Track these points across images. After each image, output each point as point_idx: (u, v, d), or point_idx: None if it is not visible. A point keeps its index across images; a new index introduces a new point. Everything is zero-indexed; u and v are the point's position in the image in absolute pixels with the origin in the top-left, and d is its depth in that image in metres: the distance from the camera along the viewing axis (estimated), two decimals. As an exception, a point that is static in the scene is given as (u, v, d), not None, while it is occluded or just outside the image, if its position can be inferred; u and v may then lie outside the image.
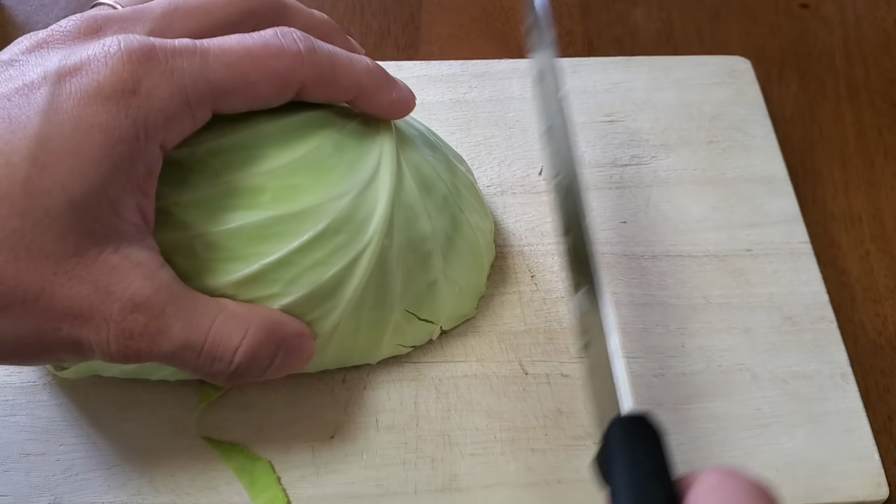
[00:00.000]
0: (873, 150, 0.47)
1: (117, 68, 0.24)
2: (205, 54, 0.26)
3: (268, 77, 0.27)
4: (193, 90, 0.26)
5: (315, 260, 0.29)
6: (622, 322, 0.37)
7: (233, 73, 0.26)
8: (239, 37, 0.27)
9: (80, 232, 0.24)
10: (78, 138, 0.24)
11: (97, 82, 0.24)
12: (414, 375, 0.35)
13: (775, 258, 0.40)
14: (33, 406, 0.34)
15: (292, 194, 0.29)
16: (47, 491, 0.32)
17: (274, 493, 0.32)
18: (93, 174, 0.24)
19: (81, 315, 0.24)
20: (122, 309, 0.25)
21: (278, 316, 0.29)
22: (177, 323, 0.26)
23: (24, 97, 0.24)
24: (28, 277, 0.23)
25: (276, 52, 0.27)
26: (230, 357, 0.27)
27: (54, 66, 0.24)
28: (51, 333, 0.24)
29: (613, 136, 0.43)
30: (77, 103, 0.24)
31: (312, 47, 0.28)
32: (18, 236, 0.23)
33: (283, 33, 0.28)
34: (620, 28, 0.53)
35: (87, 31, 0.26)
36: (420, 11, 0.53)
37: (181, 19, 0.28)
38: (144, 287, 0.25)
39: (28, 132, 0.23)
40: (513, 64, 0.46)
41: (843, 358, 0.37)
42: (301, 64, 0.28)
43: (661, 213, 0.41)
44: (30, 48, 0.26)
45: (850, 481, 0.34)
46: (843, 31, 0.53)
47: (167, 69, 0.25)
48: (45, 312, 0.24)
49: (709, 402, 0.35)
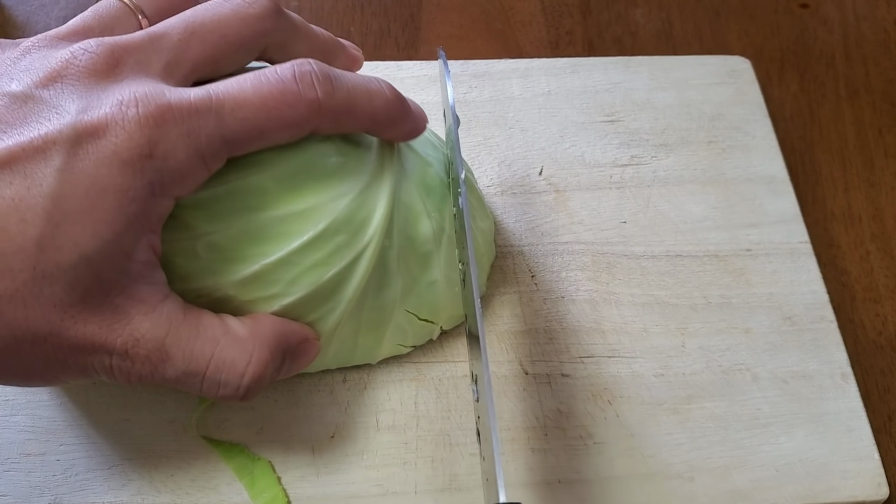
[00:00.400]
0: (873, 150, 0.47)
1: (135, 134, 0.24)
2: (220, 110, 0.26)
3: (282, 128, 0.27)
4: (209, 148, 0.26)
5: (315, 260, 0.29)
6: (622, 322, 0.37)
7: (248, 127, 0.26)
8: (255, 81, 0.26)
9: (89, 282, 0.25)
10: (92, 198, 0.24)
11: (114, 146, 0.24)
12: (414, 375, 0.35)
13: (775, 258, 0.40)
14: (33, 406, 0.34)
15: (293, 195, 0.29)
16: (47, 491, 0.32)
17: (274, 493, 0.32)
18: (106, 232, 0.24)
19: (87, 349, 0.25)
20: (125, 343, 0.26)
21: (282, 328, 0.29)
22: (177, 353, 0.27)
23: (40, 154, 0.24)
24: (36, 323, 0.24)
25: (292, 101, 0.27)
26: (237, 382, 0.28)
27: (71, 121, 0.24)
28: (58, 364, 0.26)
29: (613, 136, 0.43)
30: (93, 164, 0.24)
31: (331, 91, 0.27)
32: (29, 287, 0.24)
33: (301, 75, 0.27)
34: (620, 28, 0.53)
35: (104, 68, 0.26)
36: (420, 11, 0.53)
37: (197, 45, 0.27)
38: (144, 323, 0.26)
39: (43, 190, 0.24)
40: (513, 64, 0.46)
41: (844, 358, 0.37)
42: (317, 111, 0.27)
43: (661, 213, 0.41)
44: (45, 80, 0.25)
45: (850, 481, 0.34)
46: (843, 31, 0.53)
47: (183, 132, 0.25)
48: (52, 349, 0.25)
49: (709, 402, 0.35)
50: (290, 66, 0.27)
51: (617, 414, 0.35)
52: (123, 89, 0.25)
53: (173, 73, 0.27)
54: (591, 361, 0.36)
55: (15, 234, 0.23)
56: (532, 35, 0.52)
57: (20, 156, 0.24)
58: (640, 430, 0.34)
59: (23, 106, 0.25)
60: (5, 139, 0.24)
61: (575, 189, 0.41)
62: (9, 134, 0.24)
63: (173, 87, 0.26)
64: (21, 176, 0.24)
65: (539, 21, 0.52)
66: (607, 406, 0.35)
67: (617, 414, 0.35)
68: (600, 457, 0.34)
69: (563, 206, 0.41)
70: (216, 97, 0.26)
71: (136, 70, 0.26)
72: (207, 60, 0.28)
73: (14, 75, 0.26)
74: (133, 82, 0.26)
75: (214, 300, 0.29)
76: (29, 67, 0.26)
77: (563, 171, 0.42)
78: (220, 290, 0.29)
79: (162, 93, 0.25)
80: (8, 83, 0.26)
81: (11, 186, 0.23)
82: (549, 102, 0.44)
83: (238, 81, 0.26)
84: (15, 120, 0.25)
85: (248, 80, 0.27)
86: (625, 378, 0.36)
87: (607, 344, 0.37)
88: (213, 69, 0.28)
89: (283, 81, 0.27)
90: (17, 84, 0.25)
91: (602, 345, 0.36)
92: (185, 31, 0.27)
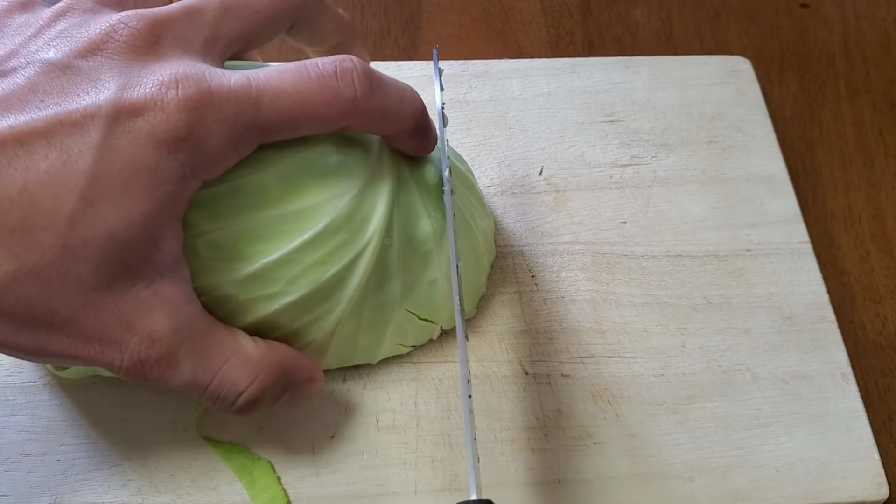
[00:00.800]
0: (873, 150, 0.47)
1: (173, 116, 0.24)
2: (259, 99, 0.26)
3: (316, 122, 0.27)
4: (243, 135, 0.26)
5: (315, 259, 0.29)
6: (622, 322, 0.37)
7: (284, 118, 0.26)
8: (295, 73, 0.26)
9: (116, 265, 0.25)
10: (125, 178, 0.24)
11: (152, 126, 0.24)
12: (414, 375, 0.35)
13: (775, 258, 0.40)
14: (34, 406, 0.34)
15: (294, 194, 0.29)
16: (48, 491, 0.32)
17: (274, 493, 0.32)
18: (136, 212, 0.24)
19: (101, 342, 0.25)
20: (139, 343, 0.25)
21: (292, 360, 0.30)
22: (188, 363, 0.27)
23: (78, 128, 0.24)
24: (57, 304, 0.24)
25: (330, 98, 0.27)
26: (233, 399, 0.28)
27: (111, 97, 0.24)
28: (68, 351, 0.25)
29: (613, 136, 0.43)
30: (129, 144, 0.24)
31: (369, 91, 0.27)
32: (56, 265, 0.23)
33: (342, 73, 0.27)
34: (620, 28, 0.53)
35: (144, 43, 0.26)
36: (420, 11, 0.53)
37: (232, 21, 0.28)
38: (164, 325, 0.26)
39: (79, 167, 0.23)
40: (513, 64, 0.46)
41: (844, 358, 0.37)
42: (352, 111, 0.27)
43: (661, 213, 0.41)
44: (83, 50, 0.25)
45: (850, 481, 0.34)
46: (844, 31, 0.53)
47: (220, 117, 0.25)
48: (67, 338, 0.25)
49: (709, 402, 0.35)
50: (333, 62, 0.27)
51: (617, 414, 0.35)
52: (164, 69, 0.25)
53: (210, 50, 0.27)
54: (591, 361, 0.36)
55: (47, 209, 0.23)
56: (532, 35, 0.52)
57: (57, 128, 0.24)
58: (640, 430, 0.34)
59: (61, 76, 0.25)
60: (43, 109, 0.24)
61: (575, 189, 0.41)
62: (46, 104, 0.24)
63: (213, 69, 0.26)
64: (57, 150, 0.23)
65: (539, 21, 0.52)
66: (607, 406, 0.35)
67: (617, 414, 0.35)
68: (600, 457, 0.34)
69: (563, 206, 0.41)
70: (256, 86, 0.26)
71: (176, 46, 0.26)
72: (241, 36, 0.28)
73: (52, 42, 0.26)
74: (174, 61, 0.26)
75: (214, 298, 0.29)
76: (66, 35, 0.26)
77: (563, 171, 0.42)
78: (221, 288, 0.29)
79: (203, 75, 0.25)
80: (45, 50, 0.25)
81: (47, 160, 0.23)
82: (549, 102, 0.44)
83: (279, 71, 0.26)
84: (53, 90, 0.24)
85: (289, 71, 0.27)
86: (625, 378, 0.36)
87: (607, 344, 0.37)
88: (246, 44, 0.29)
89: (323, 77, 0.27)
90: (54, 52, 0.25)
91: (602, 345, 0.36)
92: (220, 7, 0.27)
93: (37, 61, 0.25)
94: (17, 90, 0.24)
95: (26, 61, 0.25)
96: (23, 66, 0.25)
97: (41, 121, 0.24)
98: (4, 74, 0.25)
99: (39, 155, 0.23)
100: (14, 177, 0.23)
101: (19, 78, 0.25)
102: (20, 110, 0.24)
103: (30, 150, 0.23)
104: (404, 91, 0.29)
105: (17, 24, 0.26)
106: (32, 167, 0.23)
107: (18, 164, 0.23)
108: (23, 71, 0.25)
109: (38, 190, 0.23)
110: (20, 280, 0.23)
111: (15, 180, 0.23)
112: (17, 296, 0.23)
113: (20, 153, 0.23)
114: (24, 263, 0.23)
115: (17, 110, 0.24)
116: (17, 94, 0.24)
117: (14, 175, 0.23)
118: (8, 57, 0.25)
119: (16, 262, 0.23)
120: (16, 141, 0.23)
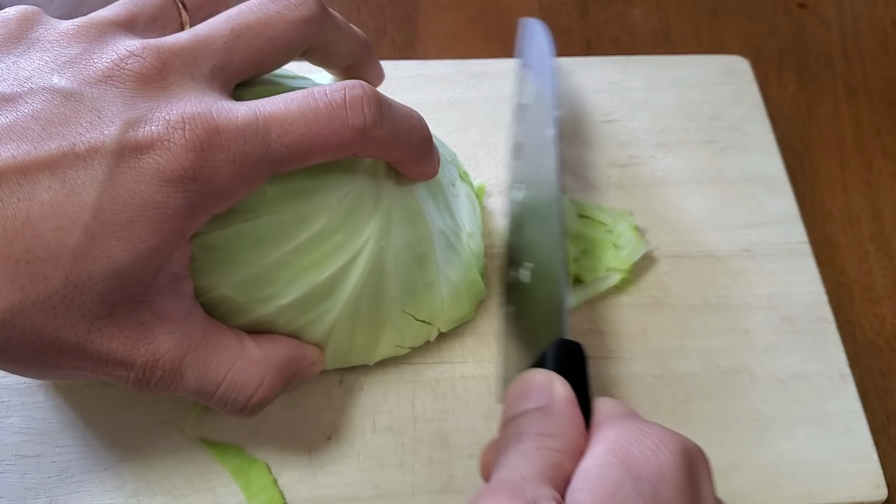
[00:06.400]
0: (872, 150, 0.47)
1: (180, 157, 0.24)
2: (266, 135, 0.25)
3: (325, 152, 0.27)
4: (253, 172, 0.26)
5: (312, 260, 0.29)
6: (621, 323, 0.37)
7: (293, 152, 0.26)
8: (303, 104, 0.26)
9: (119, 295, 0.25)
10: (130, 213, 0.24)
11: (158, 164, 0.24)
12: (411, 377, 0.35)
13: (774, 258, 0.40)
14: (29, 407, 0.33)
15: (290, 196, 0.29)
16: (43, 493, 0.32)
17: (270, 495, 0.32)
18: (141, 247, 0.24)
19: (107, 363, 0.26)
20: (145, 362, 0.26)
21: (294, 352, 0.30)
22: (192, 373, 0.27)
23: (82, 161, 0.23)
24: (64, 334, 0.24)
25: (339, 128, 0.26)
26: (245, 402, 0.29)
27: (116, 133, 0.24)
28: (76, 374, 0.26)
29: (611, 136, 0.43)
30: (133, 179, 0.24)
31: (378, 119, 0.27)
32: (61, 296, 0.23)
33: (351, 101, 0.26)
34: (618, 27, 0.53)
35: (151, 72, 0.25)
36: (417, 11, 0.52)
37: (243, 49, 0.27)
38: (166, 342, 0.26)
39: (82, 200, 0.23)
40: (510, 63, 0.46)
41: (842, 358, 0.37)
42: (361, 139, 0.27)
43: (659, 213, 0.41)
44: (90, 79, 0.25)
45: (848, 482, 0.34)
46: (841, 31, 0.53)
47: (229, 157, 0.25)
48: (75, 361, 0.25)
49: (707, 403, 0.35)
50: (342, 90, 0.26)
51: (615, 415, 0.35)
52: (171, 106, 0.25)
53: (219, 78, 0.27)
54: (589, 362, 0.36)
55: (50, 241, 0.23)
56: (530, 34, 0.52)
57: (61, 161, 0.23)
58: (638, 431, 0.34)
59: (65, 104, 0.24)
60: (47, 139, 0.23)
61: (573, 189, 0.41)
62: (50, 133, 0.24)
63: (220, 103, 0.25)
64: (60, 182, 0.23)
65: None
66: (605, 407, 0.35)
67: (615, 415, 0.35)
68: (598, 458, 0.33)
69: (561, 207, 0.41)
70: (263, 120, 0.25)
71: (183, 74, 0.26)
72: (252, 64, 0.28)
73: (58, 66, 0.25)
74: (181, 96, 0.25)
75: (211, 300, 0.29)
76: (73, 60, 0.25)
77: (562, 171, 0.42)
78: (217, 289, 0.28)
79: (210, 113, 0.25)
80: (50, 75, 0.25)
81: (50, 191, 0.23)
82: (547, 102, 0.44)
83: (286, 102, 0.26)
84: (58, 119, 0.24)
85: (297, 101, 0.26)
86: (623, 379, 0.36)
87: (605, 345, 0.36)
88: (257, 71, 0.28)
89: (331, 106, 0.26)
90: (59, 78, 0.25)
91: (600, 346, 0.36)
92: (231, 35, 0.27)
93: (41, 87, 0.24)
94: (20, 118, 0.24)
95: (30, 87, 0.24)
96: (27, 92, 0.24)
97: (44, 152, 0.23)
98: (7, 100, 0.24)
99: (42, 186, 0.23)
100: (17, 207, 0.23)
101: (23, 105, 0.24)
102: (22, 138, 0.23)
103: (33, 181, 0.23)
104: (412, 118, 0.29)
105: (23, 46, 0.26)
106: (35, 198, 0.23)
107: (21, 194, 0.23)
108: (27, 97, 0.24)
109: (41, 221, 0.23)
110: (27, 311, 0.23)
111: (18, 210, 0.23)
112: (25, 326, 0.23)
113: (23, 183, 0.23)
114: (29, 295, 0.23)
115: (20, 138, 0.23)
116: (20, 122, 0.24)
117: (17, 205, 0.23)
118: (12, 81, 0.25)
119: (21, 294, 0.23)
120: (19, 171, 0.23)
